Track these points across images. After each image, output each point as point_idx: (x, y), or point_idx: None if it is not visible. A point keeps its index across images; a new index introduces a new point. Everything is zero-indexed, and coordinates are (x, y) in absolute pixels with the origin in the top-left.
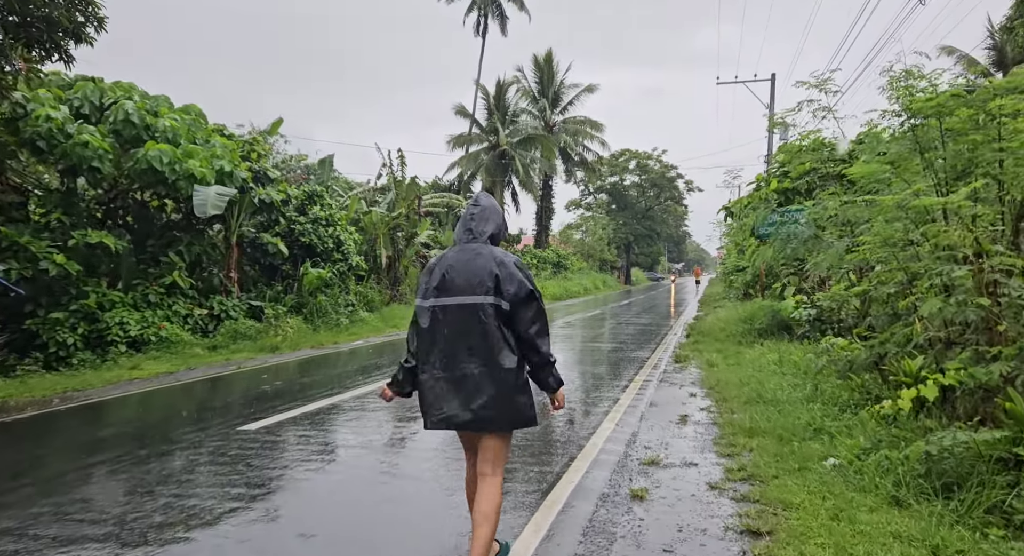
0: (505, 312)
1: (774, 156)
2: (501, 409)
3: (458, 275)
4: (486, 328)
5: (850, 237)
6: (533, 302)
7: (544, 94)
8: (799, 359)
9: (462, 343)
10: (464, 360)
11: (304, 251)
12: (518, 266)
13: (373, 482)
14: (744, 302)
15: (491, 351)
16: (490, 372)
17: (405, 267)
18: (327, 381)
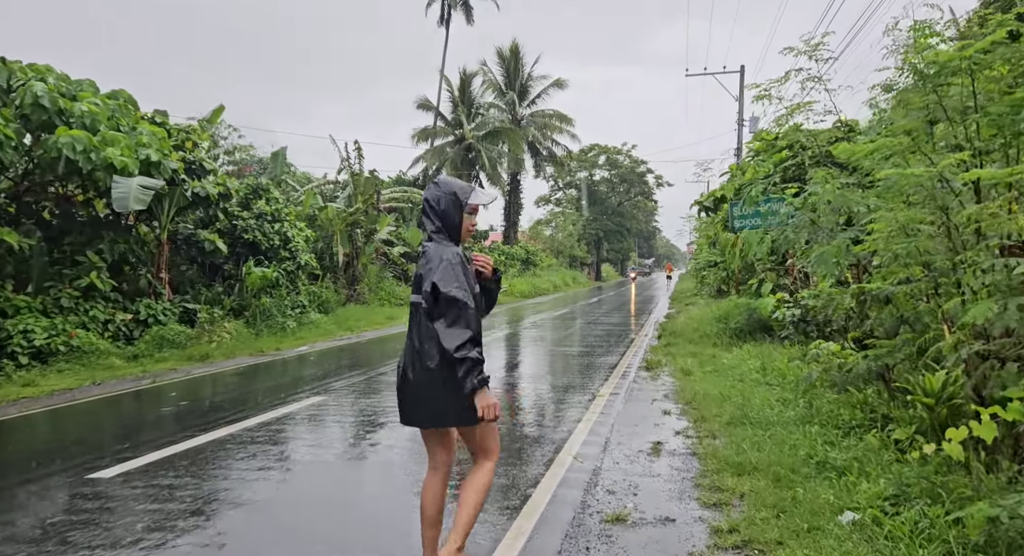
0: (427, 310)
1: (749, 142)
2: (436, 406)
3: (418, 272)
4: (420, 327)
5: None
6: (439, 295)
7: (511, 87)
8: (784, 367)
9: (410, 342)
10: (410, 358)
11: (248, 249)
12: (442, 260)
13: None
14: (717, 299)
15: (423, 348)
16: (422, 370)
17: (364, 265)
18: (242, 400)
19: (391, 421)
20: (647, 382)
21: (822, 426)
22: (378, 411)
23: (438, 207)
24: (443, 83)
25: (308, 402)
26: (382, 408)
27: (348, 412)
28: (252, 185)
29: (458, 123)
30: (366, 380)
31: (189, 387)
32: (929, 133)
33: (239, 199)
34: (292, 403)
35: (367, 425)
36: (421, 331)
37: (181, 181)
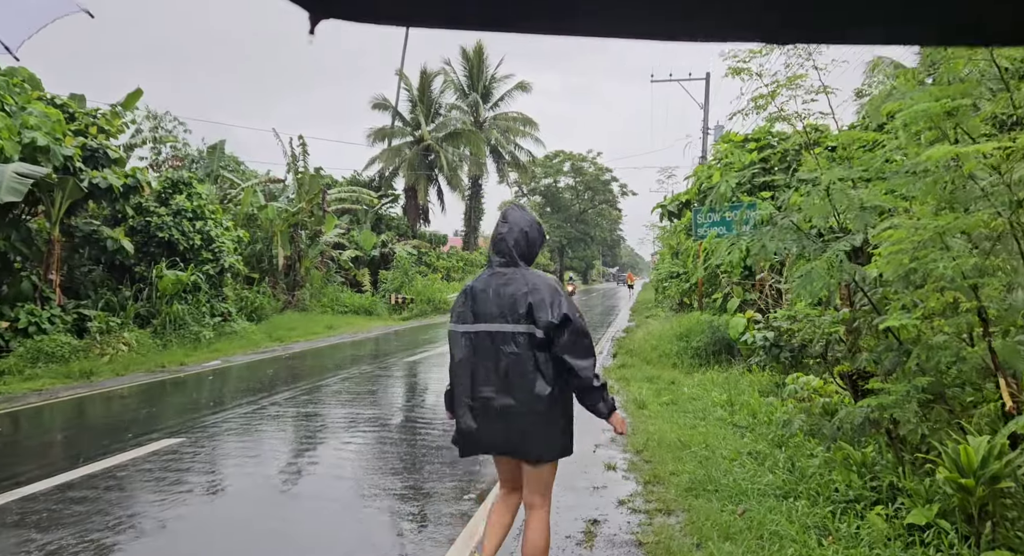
0: (539, 339)
1: (716, 144)
2: (534, 438)
3: (489, 301)
4: (519, 357)
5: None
6: (569, 324)
7: (474, 88)
8: (755, 402)
9: (494, 372)
10: (498, 389)
11: (164, 249)
12: (552, 289)
13: None
14: (679, 313)
15: (523, 379)
16: (522, 400)
17: (307, 269)
18: (72, 441)
19: (254, 481)
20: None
21: (810, 500)
22: (244, 461)
23: (531, 233)
24: (402, 82)
25: (151, 449)
26: (255, 455)
27: (198, 466)
28: (173, 178)
29: (417, 123)
30: (256, 411)
31: (25, 418)
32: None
33: (155, 194)
34: (131, 449)
35: (209, 491)
36: (523, 362)
37: (78, 170)
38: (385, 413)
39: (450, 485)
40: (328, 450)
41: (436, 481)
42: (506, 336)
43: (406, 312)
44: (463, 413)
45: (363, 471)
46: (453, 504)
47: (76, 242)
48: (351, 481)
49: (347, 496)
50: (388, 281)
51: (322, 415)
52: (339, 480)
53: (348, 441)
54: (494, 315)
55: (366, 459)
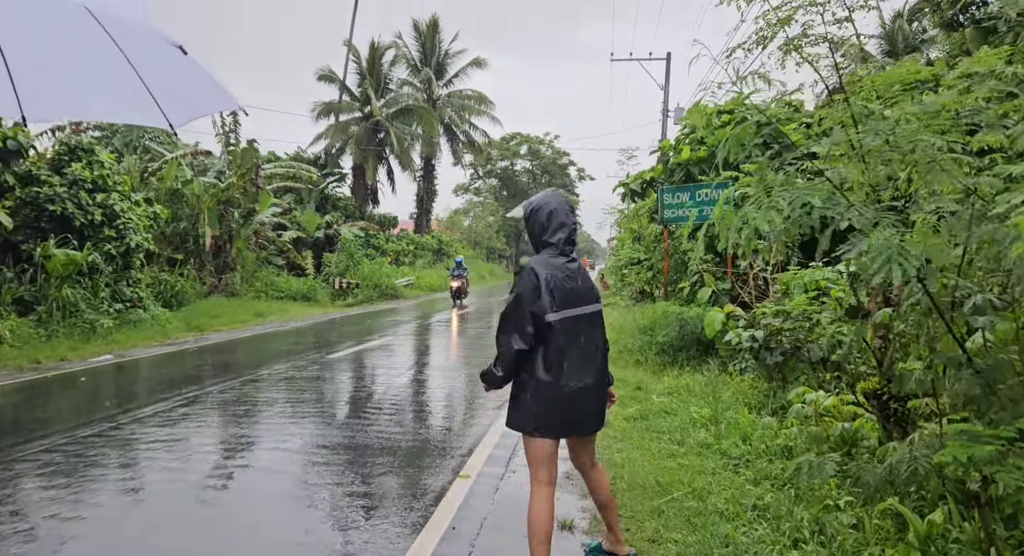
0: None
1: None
2: (603, 408)
3: (578, 286)
4: (600, 335)
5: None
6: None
7: (427, 63)
8: (746, 421)
9: (587, 353)
10: (591, 369)
11: (56, 225)
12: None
13: None
14: (640, 303)
15: (602, 356)
16: (603, 376)
17: (239, 250)
18: None
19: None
20: None
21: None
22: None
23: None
24: (350, 53)
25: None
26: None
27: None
28: (68, 144)
29: (366, 98)
30: (91, 439)
31: None
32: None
33: (48, 161)
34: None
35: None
36: (598, 339)
37: None
38: (267, 452)
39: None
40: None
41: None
42: (594, 317)
43: (350, 298)
44: (552, 401)
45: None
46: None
47: None
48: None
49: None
50: (332, 265)
51: (179, 447)
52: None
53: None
54: (585, 300)
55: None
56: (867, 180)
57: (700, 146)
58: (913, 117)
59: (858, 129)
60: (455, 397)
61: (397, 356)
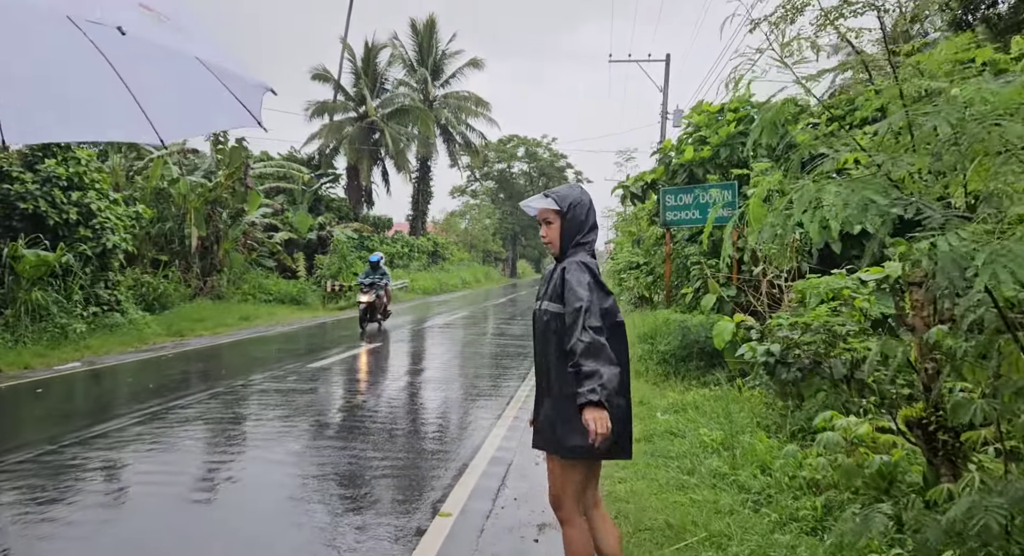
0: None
1: (687, 116)
2: None
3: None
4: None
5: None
6: None
7: (424, 64)
8: (764, 448)
9: (622, 365)
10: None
11: (29, 224)
12: None
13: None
14: (640, 310)
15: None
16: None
17: (226, 252)
18: None
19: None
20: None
21: None
22: None
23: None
24: (345, 52)
25: None
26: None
27: None
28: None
29: (361, 98)
30: (40, 456)
31: None
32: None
33: (20, 156)
34: None
35: None
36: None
37: None
38: (217, 485)
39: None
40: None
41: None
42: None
43: (342, 301)
44: (626, 415)
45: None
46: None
47: None
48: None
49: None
50: (324, 267)
51: (119, 477)
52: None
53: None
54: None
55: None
56: (928, 171)
57: (703, 146)
58: (988, 98)
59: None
60: (444, 413)
61: (384, 366)
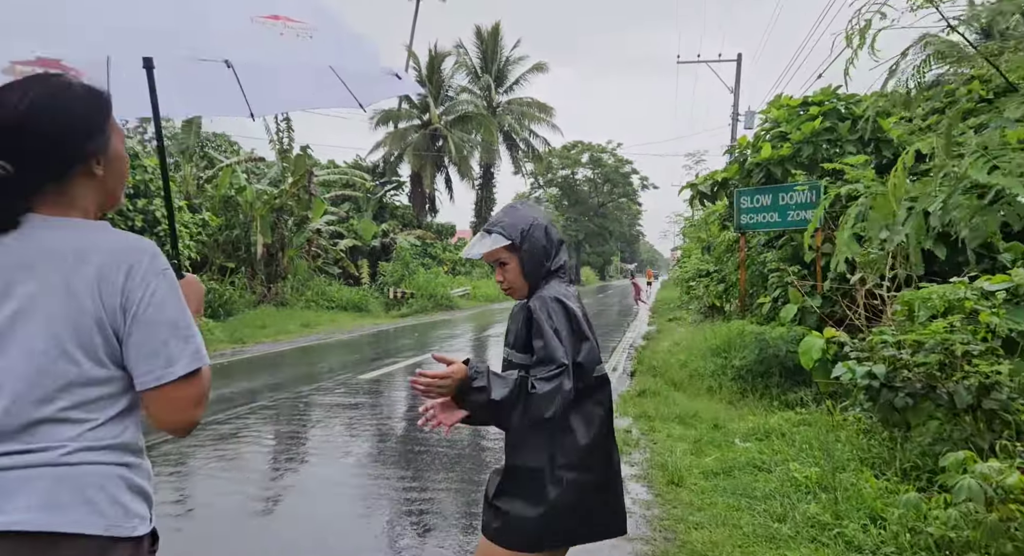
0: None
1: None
2: None
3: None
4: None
5: None
6: None
7: (487, 70)
8: (873, 491)
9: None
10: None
11: None
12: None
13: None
14: (710, 320)
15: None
16: None
17: (291, 259)
18: None
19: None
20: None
21: None
22: None
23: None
24: (410, 60)
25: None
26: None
27: None
28: None
29: (425, 106)
30: None
31: None
32: None
33: None
34: None
35: None
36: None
37: None
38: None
39: None
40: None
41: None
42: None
43: (404, 308)
44: (592, 492)
45: None
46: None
47: None
48: None
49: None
50: (387, 274)
51: None
52: None
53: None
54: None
55: None
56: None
57: (783, 142)
58: None
59: None
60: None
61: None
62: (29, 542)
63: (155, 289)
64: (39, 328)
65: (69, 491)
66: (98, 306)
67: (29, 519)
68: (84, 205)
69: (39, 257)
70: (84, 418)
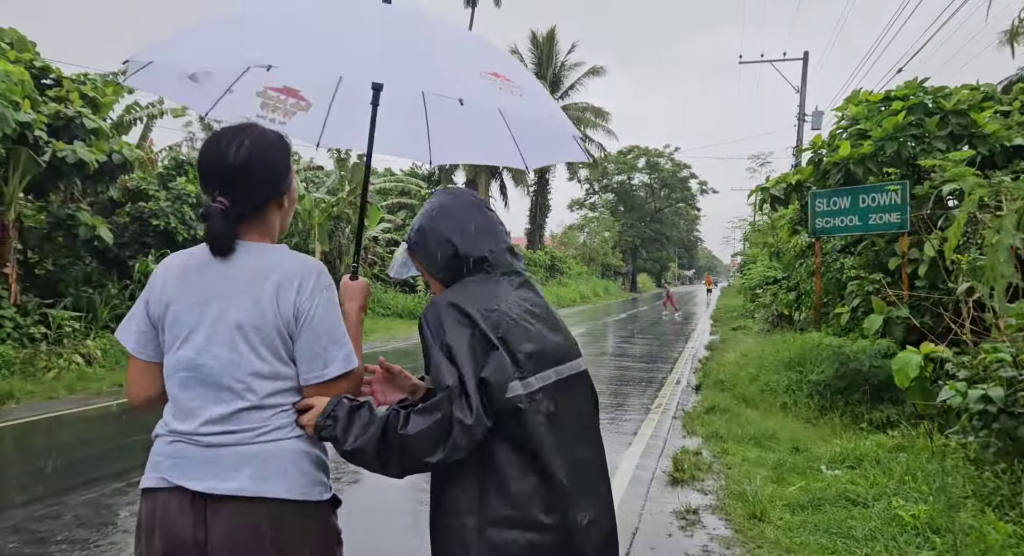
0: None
1: (839, 108)
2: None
3: (547, 327)
4: (596, 410)
5: None
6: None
7: (543, 75)
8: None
9: (588, 451)
10: (596, 485)
11: (161, 240)
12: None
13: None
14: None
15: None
16: (609, 504)
17: (347, 266)
18: None
19: None
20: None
21: None
22: None
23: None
24: None
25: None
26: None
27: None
28: (176, 158)
29: None
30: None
31: None
32: None
33: (157, 176)
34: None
35: None
36: (597, 419)
37: (44, 143)
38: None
39: None
40: None
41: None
42: (586, 380)
43: None
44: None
45: None
46: None
47: (48, 229)
48: None
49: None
50: None
51: None
52: None
53: None
54: (566, 350)
55: None
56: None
57: (863, 141)
58: None
59: None
60: None
61: None
62: (247, 503)
63: (319, 303)
64: (235, 333)
65: (271, 465)
66: (276, 315)
67: (248, 486)
68: (272, 231)
69: (236, 276)
70: (274, 405)
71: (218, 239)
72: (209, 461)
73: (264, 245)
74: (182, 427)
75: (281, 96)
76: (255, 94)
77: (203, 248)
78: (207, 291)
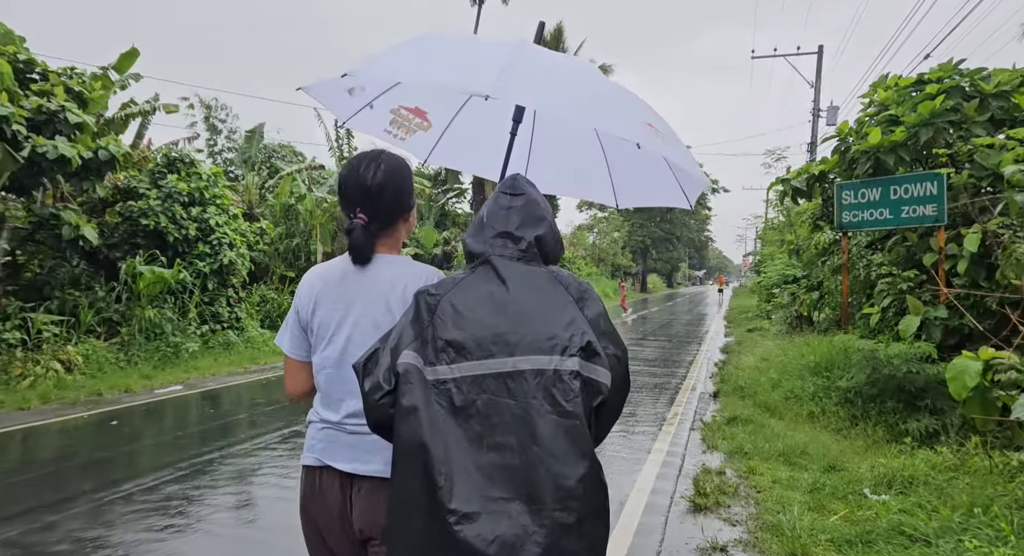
0: (601, 392)
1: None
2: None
3: (500, 318)
4: (563, 421)
5: None
6: (628, 381)
7: None
8: None
9: (509, 455)
10: (518, 489)
11: (151, 240)
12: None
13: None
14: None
15: (559, 460)
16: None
17: None
18: None
19: None
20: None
21: None
22: None
23: (545, 213)
24: None
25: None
26: None
27: None
28: (168, 156)
29: None
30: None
31: None
32: None
33: (147, 172)
34: None
35: None
36: (568, 428)
37: (24, 138)
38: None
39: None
40: None
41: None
42: (541, 379)
43: None
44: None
45: None
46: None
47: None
48: None
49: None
50: None
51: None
52: None
53: None
54: (515, 343)
55: None
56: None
57: (893, 128)
58: None
59: None
60: None
61: None
62: (380, 482)
63: None
64: (374, 333)
65: (379, 452)
66: None
67: (382, 470)
68: (398, 244)
69: (371, 283)
70: None
71: (360, 250)
72: (353, 447)
73: (392, 256)
74: (330, 416)
75: (410, 115)
76: (389, 111)
77: (340, 260)
78: (347, 297)
